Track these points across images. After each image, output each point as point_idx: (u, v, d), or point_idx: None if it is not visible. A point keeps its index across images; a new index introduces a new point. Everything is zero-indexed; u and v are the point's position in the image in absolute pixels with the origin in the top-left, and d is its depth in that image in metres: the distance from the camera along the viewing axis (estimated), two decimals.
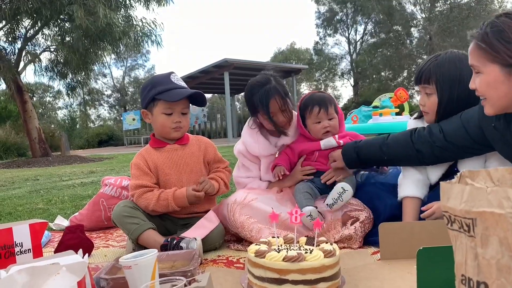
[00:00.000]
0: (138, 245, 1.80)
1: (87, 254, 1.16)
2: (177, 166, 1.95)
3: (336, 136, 1.99)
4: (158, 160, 1.94)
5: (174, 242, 1.69)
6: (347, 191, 1.77)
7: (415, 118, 1.88)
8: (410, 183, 1.75)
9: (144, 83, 2.00)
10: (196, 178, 1.94)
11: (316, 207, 1.78)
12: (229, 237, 1.94)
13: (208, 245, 1.79)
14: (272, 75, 1.99)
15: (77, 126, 32.69)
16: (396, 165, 1.92)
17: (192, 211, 1.96)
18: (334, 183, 1.88)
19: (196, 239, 1.69)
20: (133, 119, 20.24)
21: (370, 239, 1.73)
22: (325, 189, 1.95)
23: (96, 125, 35.50)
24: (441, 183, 0.75)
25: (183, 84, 1.94)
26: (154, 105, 1.90)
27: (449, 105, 1.63)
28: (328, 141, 1.98)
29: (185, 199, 1.84)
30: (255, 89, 1.96)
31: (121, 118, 23.65)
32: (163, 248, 1.69)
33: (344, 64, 34.13)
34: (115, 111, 38.31)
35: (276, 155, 2.09)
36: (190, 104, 1.97)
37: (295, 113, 2.10)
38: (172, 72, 1.94)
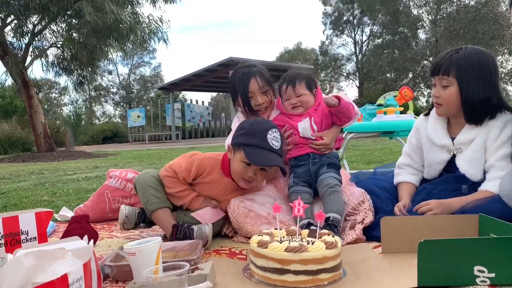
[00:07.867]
0: (140, 214, 1.84)
1: (92, 240, 1.18)
2: (222, 195, 1.93)
3: (314, 126, 1.96)
4: (211, 180, 1.89)
5: (185, 225, 1.73)
6: None
7: (425, 115, 1.94)
8: (405, 172, 1.94)
9: (243, 123, 1.89)
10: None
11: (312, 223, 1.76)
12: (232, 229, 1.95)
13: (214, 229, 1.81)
14: (257, 64, 2.11)
15: (82, 122, 32.89)
16: None
17: None
18: (318, 172, 1.91)
19: (208, 224, 1.73)
20: (138, 116, 20.25)
21: (371, 234, 1.73)
22: (310, 180, 1.93)
23: (101, 121, 35.65)
24: None
25: (276, 145, 1.78)
26: (239, 149, 1.79)
27: (474, 98, 1.66)
28: (305, 129, 1.95)
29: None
30: (239, 69, 2.10)
31: (126, 115, 23.72)
32: (174, 228, 1.72)
33: (350, 65, 34.12)
34: (121, 108, 38.48)
35: None
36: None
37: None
38: (273, 128, 1.80)
